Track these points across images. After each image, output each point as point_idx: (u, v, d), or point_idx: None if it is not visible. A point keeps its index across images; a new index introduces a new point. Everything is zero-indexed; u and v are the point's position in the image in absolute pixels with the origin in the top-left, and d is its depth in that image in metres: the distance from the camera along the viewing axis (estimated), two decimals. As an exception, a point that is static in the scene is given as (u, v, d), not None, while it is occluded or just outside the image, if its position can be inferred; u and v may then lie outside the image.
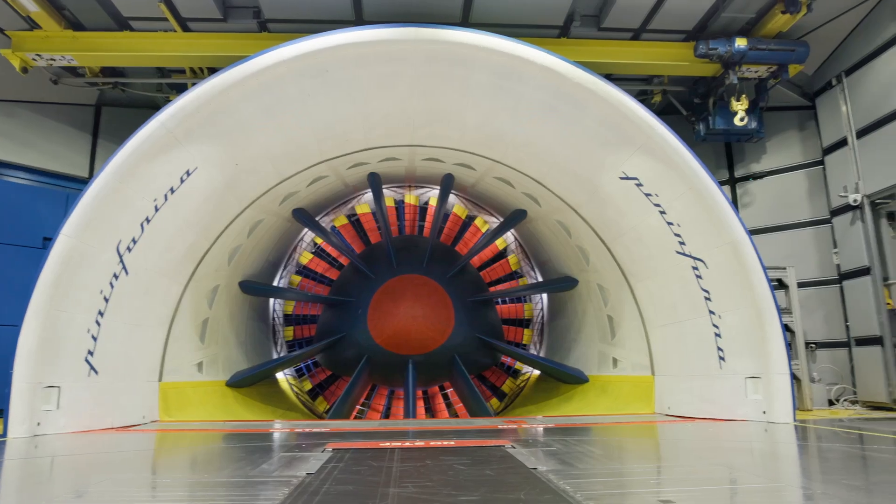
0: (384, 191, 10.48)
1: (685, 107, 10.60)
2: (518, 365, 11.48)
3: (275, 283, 11.00)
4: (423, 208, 11.28)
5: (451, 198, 11.03)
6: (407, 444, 5.25)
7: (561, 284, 10.18)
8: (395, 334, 9.51)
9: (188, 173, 7.23)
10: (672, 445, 5.74)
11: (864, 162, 9.03)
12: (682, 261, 7.53)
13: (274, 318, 11.26)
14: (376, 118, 7.99)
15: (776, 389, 6.80)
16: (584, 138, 7.65)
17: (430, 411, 11.14)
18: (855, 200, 9.06)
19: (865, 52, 8.97)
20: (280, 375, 10.79)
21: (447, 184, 9.80)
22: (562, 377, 9.79)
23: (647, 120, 7.16)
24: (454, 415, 10.87)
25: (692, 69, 9.60)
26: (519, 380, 11.47)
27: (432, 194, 11.12)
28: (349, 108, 7.67)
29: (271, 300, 11.19)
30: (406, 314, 9.56)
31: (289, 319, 11.25)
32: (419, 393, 10.87)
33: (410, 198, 11.16)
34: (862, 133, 9.06)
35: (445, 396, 11.22)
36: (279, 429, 7.08)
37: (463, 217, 11.24)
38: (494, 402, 11.13)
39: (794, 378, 8.41)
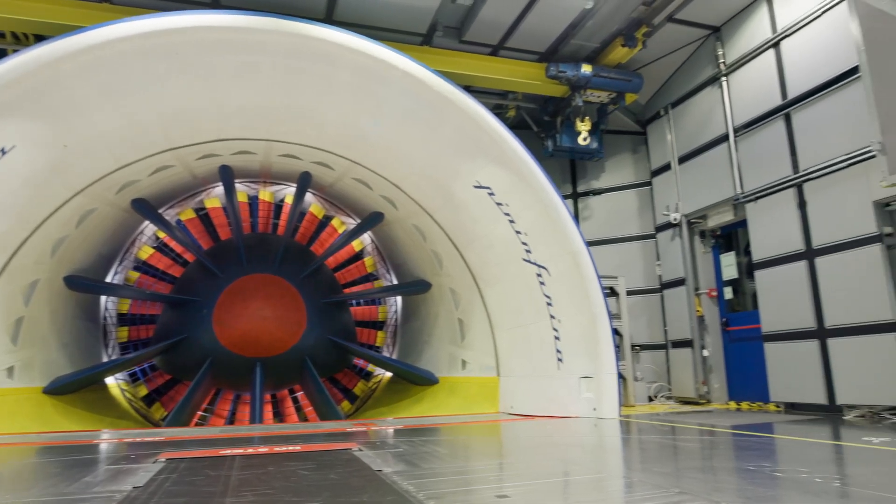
0: (237, 185, 9.99)
1: (536, 123, 11.28)
2: (371, 367, 11.48)
3: (108, 280, 10.03)
4: (278, 206, 10.91)
5: (309, 197, 10.79)
6: (250, 450, 5.04)
7: (415, 287, 10.35)
8: (242, 336, 9.09)
9: (3, 151, 6.39)
10: (513, 443, 6.06)
11: (682, 185, 10.19)
12: (528, 268, 8.00)
13: (106, 318, 10.24)
14: (231, 108, 7.61)
15: (606, 388, 7.45)
16: (442, 145, 7.86)
17: (279, 416, 10.78)
18: (675, 219, 10.20)
19: (687, 90, 10.14)
20: (111, 381, 9.84)
21: (304, 182, 9.57)
22: (413, 379, 9.94)
23: (501, 133, 7.52)
24: (304, 419, 10.61)
25: (544, 88, 10.25)
26: (371, 382, 11.47)
27: (289, 192, 10.79)
28: (201, 95, 7.23)
29: (103, 298, 10.18)
30: (255, 315, 9.19)
31: (123, 319, 10.30)
32: (267, 397, 10.47)
33: (265, 194, 10.75)
34: (682, 160, 10.23)
35: (295, 400, 10.91)
36: (106, 439, 6.47)
37: (320, 217, 11.03)
38: (346, 404, 11.04)
39: (621, 377, 9.25)
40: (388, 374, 11.21)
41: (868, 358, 6.97)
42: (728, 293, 9.81)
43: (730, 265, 9.75)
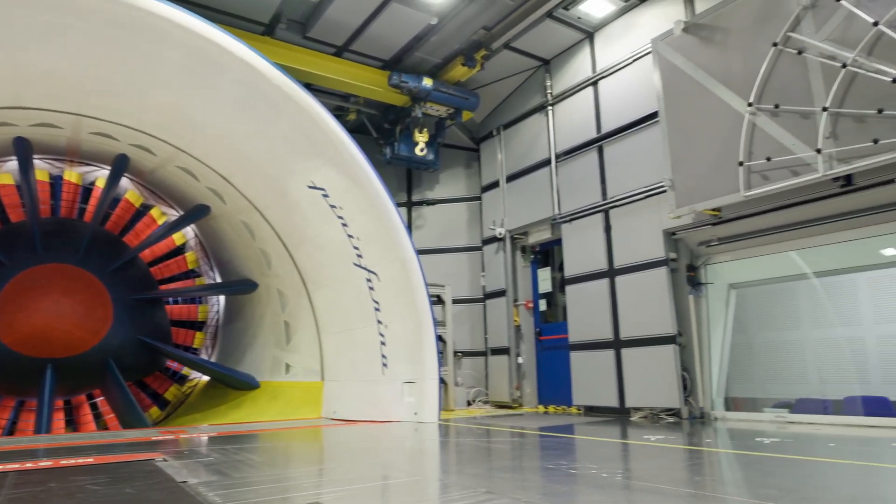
0: (37, 162, 8.79)
1: (376, 129, 11.37)
2: (186, 370, 10.70)
3: None
4: (87, 189, 9.76)
5: (125, 182, 9.81)
6: (29, 465, 4.45)
7: (240, 287, 9.87)
8: (31, 334, 8.00)
9: None
10: (334, 448, 6.01)
11: (509, 202, 10.89)
12: (359, 272, 8.01)
13: None
14: (33, 73, 6.70)
15: (427, 393, 7.68)
16: (278, 141, 7.61)
17: (73, 424, 9.60)
18: (500, 234, 10.86)
19: (518, 114, 10.88)
20: None
21: (120, 165, 8.70)
22: (232, 383, 9.45)
23: (340, 135, 7.47)
24: (103, 427, 9.57)
25: (385, 96, 10.37)
26: (185, 386, 10.68)
27: (102, 175, 9.71)
28: (-7, 54, 6.28)
29: None
30: (49, 310, 8.15)
31: None
32: (59, 403, 9.28)
33: (72, 175, 9.57)
34: (510, 178, 10.94)
35: (94, 406, 9.81)
36: None
37: (137, 205, 10.08)
38: (154, 411, 10.15)
39: (443, 382, 9.59)
40: (206, 378, 10.54)
41: (652, 366, 7.97)
42: (543, 305, 10.65)
43: (545, 279, 10.60)
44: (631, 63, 8.80)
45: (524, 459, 4.98)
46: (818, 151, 5.93)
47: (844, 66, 5.79)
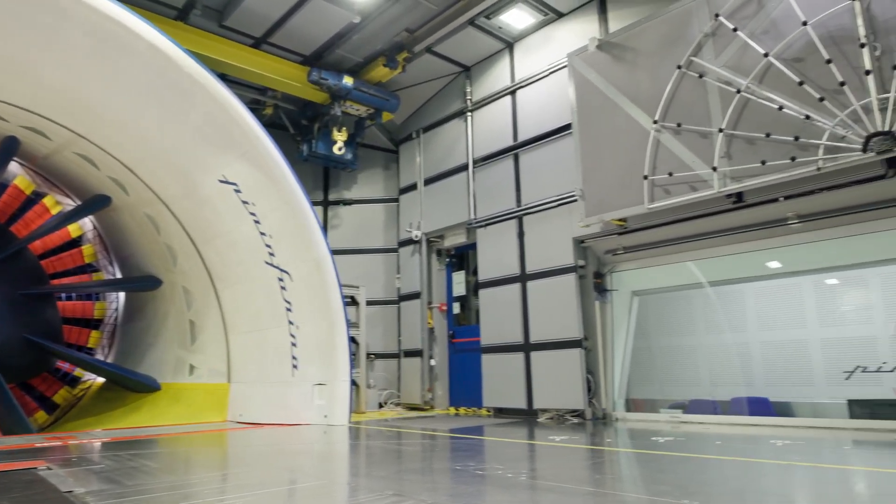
0: None
1: (293, 125, 11.12)
2: (79, 371, 10.01)
3: None
4: (-34, 173, 8.94)
5: (14, 167, 9.06)
6: None
7: (142, 284, 9.36)
8: None
9: None
10: (239, 452, 5.81)
11: (426, 205, 10.96)
12: (271, 271, 7.80)
13: None
14: None
15: (338, 395, 7.58)
16: (188, 132, 7.29)
17: (-60, 430, 8.74)
18: (416, 236, 10.91)
19: (438, 118, 10.98)
20: None
21: (9, 148, 8.05)
22: (129, 384, 8.94)
23: (254, 129, 7.25)
24: (-23, 432, 8.77)
25: (304, 92, 10.17)
26: (77, 389, 9.99)
27: (-17, 158, 8.91)
28: None
29: None
30: (-83, 304, 7.40)
31: None
32: (-76, 406, 8.42)
33: (-52, 156, 8.72)
34: (428, 182, 11.01)
35: (-33, 410, 8.97)
36: None
37: (28, 192, 9.33)
38: (41, 415, 9.43)
39: (355, 384, 9.51)
40: (101, 380, 9.90)
41: (559, 369, 8.25)
42: (456, 308, 10.78)
43: (460, 283, 10.74)
44: (548, 75, 9.09)
45: (434, 461, 5.03)
46: (714, 169, 6.37)
47: (739, 91, 6.26)
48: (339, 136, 10.66)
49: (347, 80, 9.90)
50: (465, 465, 4.43)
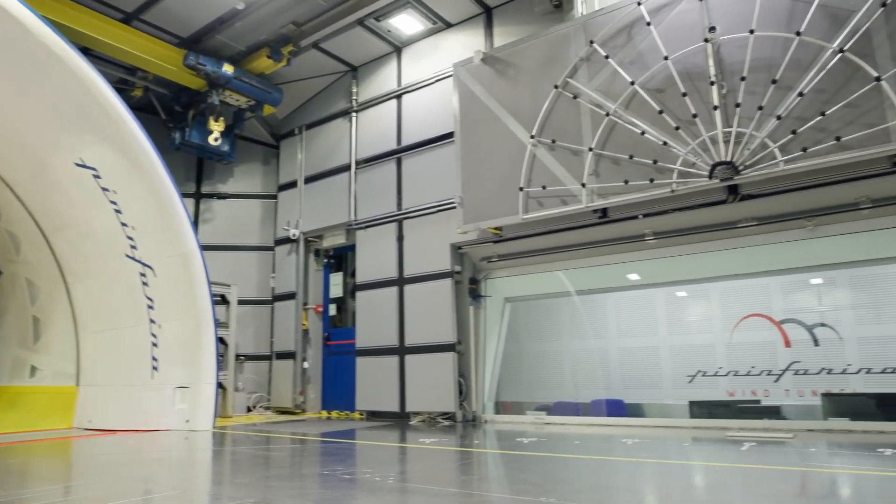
0: None
1: (166, 111, 10.42)
2: None
3: None
4: None
5: None
6: None
7: (-25, 274, 8.33)
8: None
9: None
10: (86, 461, 5.34)
11: (305, 204, 10.71)
12: (131, 265, 7.26)
13: None
14: None
15: (202, 399, 7.19)
16: (42, 109, 6.61)
17: None
18: (294, 235, 10.62)
19: (322, 115, 10.78)
20: None
21: None
22: (-47, 388, 7.91)
23: (119, 111, 6.72)
24: None
25: (179, 76, 9.57)
26: None
27: None
28: None
29: None
30: None
31: None
32: None
33: None
34: (309, 180, 10.77)
35: None
36: None
37: None
38: None
39: (222, 387, 9.08)
40: (-86, 382, 8.67)
41: (433, 372, 8.38)
42: (333, 310, 10.62)
43: (337, 284, 10.59)
44: (434, 82, 9.23)
45: (302, 466, 4.91)
46: (583, 185, 6.79)
47: (608, 114, 6.73)
48: (216, 127, 10.13)
49: (228, 69, 9.45)
50: (334, 469, 4.37)
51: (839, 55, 5.53)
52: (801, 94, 5.67)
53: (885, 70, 5.33)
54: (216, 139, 10.17)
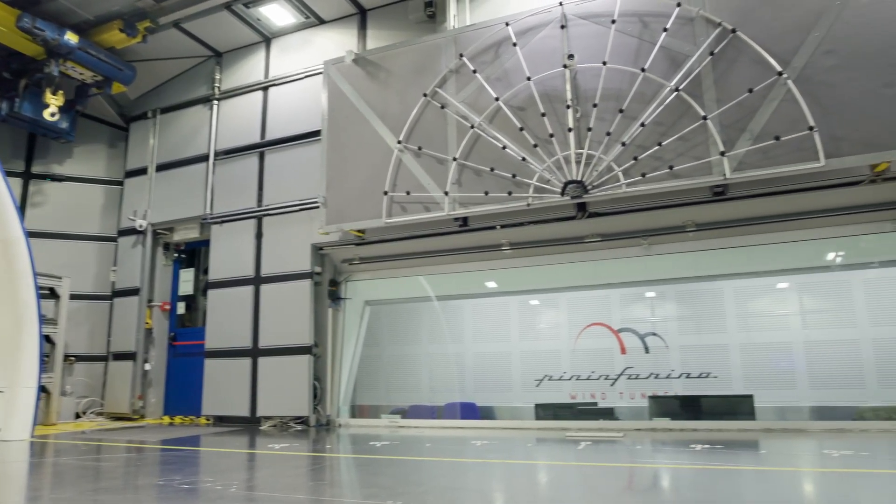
0: None
1: (-9, 77, 9.19)
2: None
3: None
4: None
5: None
6: None
7: None
8: None
9: None
10: None
11: (155, 193, 9.93)
12: (-63, 252, 6.31)
13: None
14: None
15: (19, 404, 6.42)
16: None
17: None
18: (141, 226, 9.81)
19: (180, 100, 10.08)
20: None
21: None
22: None
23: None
24: None
25: (11, 39, 8.48)
26: None
27: None
28: None
29: None
30: None
31: None
32: None
33: None
34: (160, 168, 10.00)
35: None
36: None
37: None
38: None
39: (45, 391, 8.17)
40: None
41: (286, 375, 8.13)
42: (181, 308, 9.95)
43: (188, 281, 9.94)
44: (303, 78, 9.00)
45: (136, 477, 4.54)
46: (446, 194, 6.97)
47: (472, 126, 6.97)
48: (53, 101, 9.09)
49: (71, 38, 8.52)
50: (171, 479, 4.09)
51: (675, 93, 6.17)
52: (643, 125, 6.25)
53: (710, 110, 6.04)
54: (53, 114, 9.13)
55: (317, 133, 8.38)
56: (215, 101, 9.70)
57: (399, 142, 7.34)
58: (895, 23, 5.63)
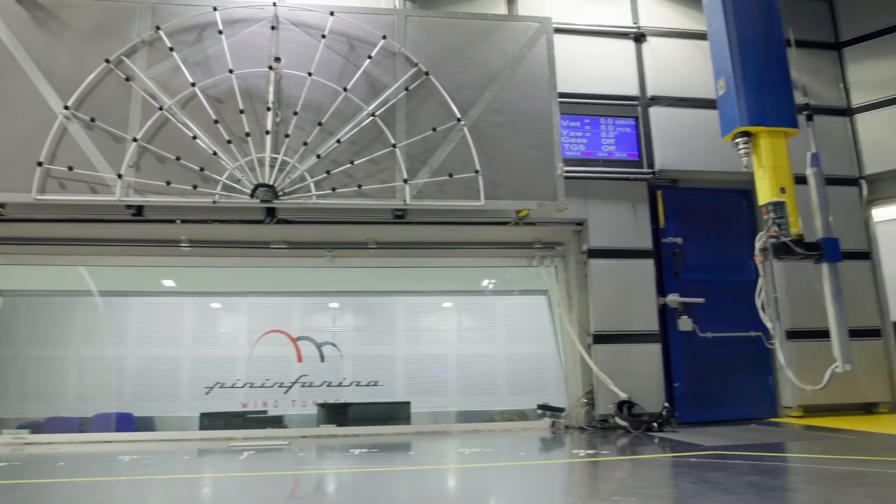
0: None
1: None
2: None
3: None
4: None
5: None
6: None
7: None
8: None
9: None
10: None
11: None
12: None
13: None
14: None
15: None
16: None
17: None
18: None
19: None
20: None
21: None
22: None
23: None
24: None
25: None
26: None
27: None
28: None
29: None
30: None
31: None
32: None
33: None
34: None
35: None
36: None
37: None
38: None
39: None
40: None
41: None
42: None
43: None
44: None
45: None
46: (119, 176, 6.18)
47: (161, 108, 6.35)
48: None
49: None
50: None
51: (371, 118, 6.56)
52: (338, 141, 6.47)
53: (400, 140, 6.56)
54: None
55: (-48, 75, 6.68)
56: None
57: (66, 107, 6.27)
58: (541, 101, 6.95)
